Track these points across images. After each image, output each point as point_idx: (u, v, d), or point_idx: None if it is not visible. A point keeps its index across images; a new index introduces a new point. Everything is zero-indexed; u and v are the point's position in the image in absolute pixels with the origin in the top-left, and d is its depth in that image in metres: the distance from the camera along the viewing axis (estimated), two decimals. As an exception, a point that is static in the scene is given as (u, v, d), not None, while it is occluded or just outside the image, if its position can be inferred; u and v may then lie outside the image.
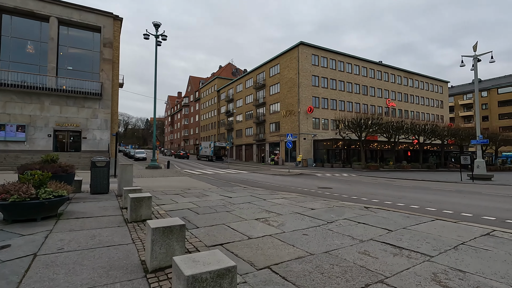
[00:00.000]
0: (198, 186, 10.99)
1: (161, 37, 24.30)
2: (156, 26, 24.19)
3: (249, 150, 49.70)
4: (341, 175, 21.14)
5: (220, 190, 9.75)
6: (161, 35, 24.20)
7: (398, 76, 48.87)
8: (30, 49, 23.60)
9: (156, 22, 24.07)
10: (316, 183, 14.12)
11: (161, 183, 11.95)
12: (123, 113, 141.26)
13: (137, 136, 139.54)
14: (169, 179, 14.27)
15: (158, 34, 24.26)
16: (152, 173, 18.26)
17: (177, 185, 11.42)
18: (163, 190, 9.49)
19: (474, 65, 21.66)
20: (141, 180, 13.52)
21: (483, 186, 15.03)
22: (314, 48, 38.84)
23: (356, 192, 10.79)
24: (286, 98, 39.57)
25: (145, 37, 23.76)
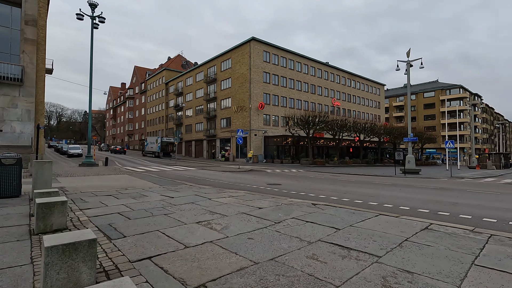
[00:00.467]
0: (137, 186, 9.90)
1: (98, 19, 21.70)
2: (92, 6, 21.52)
3: (199, 146, 48.19)
4: (290, 171, 21.52)
5: (162, 190, 8.88)
6: (98, 17, 21.61)
7: (342, 77, 52.02)
8: None
9: (92, 1, 21.38)
10: (265, 180, 13.98)
11: (93, 183, 10.52)
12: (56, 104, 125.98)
13: (73, 130, 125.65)
14: (105, 178, 12.73)
15: (94, 15, 21.61)
16: (85, 171, 16.21)
17: (113, 184, 10.15)
18: (94, 191, 8.27)
19: (407, 70, 23.84)
20: (70, 179, 11.78)
21: (413, 179, 16.59)
22: (265, 45, 39.02)
23: (304, 188, 10.85)
24: (238, 93, 39.15)
25: (78, 17, 20.98)
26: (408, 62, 23.36)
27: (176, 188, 9.38)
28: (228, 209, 5.90)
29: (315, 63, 46.87)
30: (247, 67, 37.43)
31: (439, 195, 9.67)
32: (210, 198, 7.28)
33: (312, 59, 46.15)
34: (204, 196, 7.52)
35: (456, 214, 6.25)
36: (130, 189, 8.94)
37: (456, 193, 10.32)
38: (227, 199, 7.17)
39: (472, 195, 9.86)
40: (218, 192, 8.38)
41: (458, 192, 10.65)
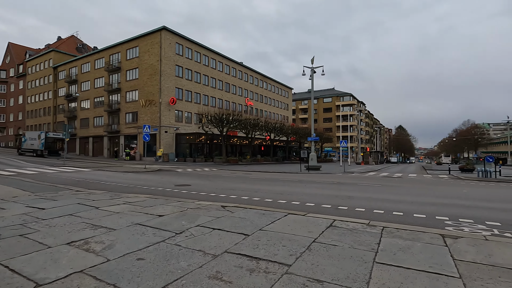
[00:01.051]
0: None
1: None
2: None
3: (98, 143, 42.05)
4: (202, 170, 20.73)
5: (32, 199, 6.88)
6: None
7: (255, 78, 54.03)
8: None
9: None
10: (174, 180, 12.85)
11: None
12: None
13: None
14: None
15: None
16: None
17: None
18: None
19: (311, 75, 26.20)
20: None
21: (315, 175, 18.22)
22: (178, 37, 36.87)
23: (215, 188, 10.32)
24: (146, 86, 35.77)
25: None
26: (312, 68, 25.70)
27: (54, 195, 7.44)
28: (118, 220, 4.81)
29: (230, 62, 47.13)
30: (158, 58, 34.56)
31: (337, 189, 10.65)
32: (98, 206, 5.93)
33: (228, 57, 46.24)
34: (90, 205, 6.09)
35: (353, 208, 6.79)
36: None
37: (350, 187, 11.61)
38: (120, 206, 5.97)
39: (362, 188, 11.25)
40: (112, 198, 6.99)
41: (351, 186, 12.02)
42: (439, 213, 6.22)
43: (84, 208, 5.77)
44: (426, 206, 7.24)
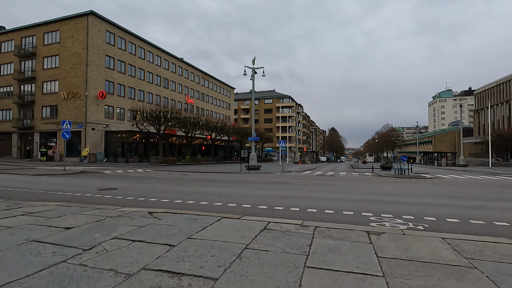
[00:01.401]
0: None
1: None
2: None
3: (5, 141, 35.52)
4: (135, 171, 19.06)
5: None
6: None
7: (197, 76, 52.45)
8: None
9: None
10: (98, 184, 11.39)
11: None
12: None
13: None
14: None
15: None
16: None
17: None
18: None
19: (252, 76, 26.42)
20: None
21: (255, 174, 18.34)
22: (109, 24, 33.43)
23: (146, 191, 9.43)
24: (69, 76, 31.53)
25: None
26: (253, 69, 25.93)
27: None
28: (8, 237, 3.85)
29: (170, 57, 44.77)
30: (84, 46, 30.74)
31: (275, 189, 10.77)
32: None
33: (167, 52, 43.84)
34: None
35: (288, 207, 6.83)
36: None
37: (287, 186, 11.89)
38: (17, 219, 4.86)
39: (298, 187, 11.62)
40: (7, 209, 5.70)
41: (288, 185, 12.33)
42: (364, 210, 6.66)
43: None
44: (354, 203, 7.73)
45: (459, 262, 3.10)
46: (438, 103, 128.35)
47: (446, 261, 3.12)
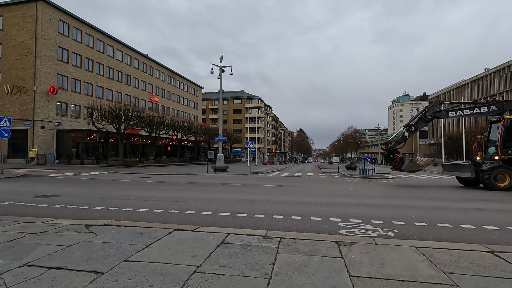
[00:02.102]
0: None
1: None
2: None
3: None
4: (89, 174, 17.34)
5: None
6: None
7: (162, 73, 50.23)
8: None
9: None
10: (38, 190, 9.94)
11: None
12: None
13: None
14: None
15: None
16: None
17: None
18: None
19: (219, 74, 25.63)
20: None
21: (222, 176, 17.60)
22: (63, 13, 30.59)
23: (93, 198, 8.31)
24: (14, 68, 28.28)
25: None
26: (221, 67, 25.16)
27: None
28: None
29: (133, 52, 42.28)
30: (32, 36, 27.73)
31: (241, 192, 10.17)
32: None
33: (130, 46, 41.33)
34: None
35: (252, 214, 6.27)
36: None
37: (253, 189, 11.35)
38: None
39: (264, 190, 11.14)
40: None
41: (255, 188, 11.80)
42: (332, 214, 6.32)
43: None
44: (322, 206, 7.39)
45: (439, 278, 2.74)
46: (396, 107, 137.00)
47: (426, 278, 2.75)
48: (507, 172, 10.97)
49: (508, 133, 11.36)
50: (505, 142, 11.40)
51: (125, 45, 40.47)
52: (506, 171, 10.99)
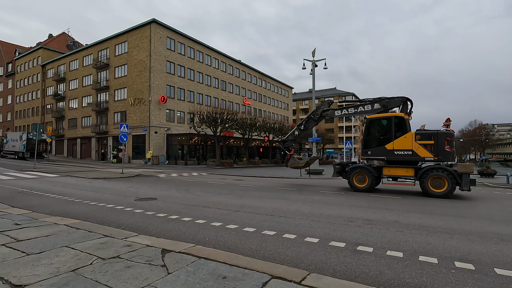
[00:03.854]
0: None
1: None
2: None
3: (86, 144, 39.67)
4: (190, 175, 18.24)
5: None
6: None
7: (254, 77, 51.57)
8: None
9: None
10: (143, 191, 10.35)
11: None
12: None
13: None
14: None
15: None
16: None
17: None
18: None
19: (312, 69, 23.71)
20: None
21: (318, 181, 15.68)
22: (170, 31, 34.47)
23: (186, 203, 7.82)
24: (135, 83, 33.38)
25: None
26: (313, 61, 23.23)
27: None
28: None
29: (227, 59, 44.71)
30: (147, 54, 32.17)
31: (348, 206, 8.11)
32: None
33: (224, 54, 43.84)
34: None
35: (380, 247, 4.27)
36: None
37: (364, 201, 9.07)
38: None
39: (382, 203, 8.71)
40: (8, 229, 4.50)
41: (365, 200, 9.48)
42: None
43: None
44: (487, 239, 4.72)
45: None
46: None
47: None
48: (365, 173, 10.84)
49: (367, 133, 11.27)
50: (365, 143, 11.29)
51: (220, 53, 43.09)
52: (365, 172, 10.86)
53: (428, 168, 9.76)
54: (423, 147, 9.95)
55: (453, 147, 10.19)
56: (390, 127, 10.67)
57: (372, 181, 10.71)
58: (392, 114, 11.05)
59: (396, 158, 10.50)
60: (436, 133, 9.91)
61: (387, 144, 10.58)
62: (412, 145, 10.08)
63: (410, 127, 10.70)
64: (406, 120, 10.59)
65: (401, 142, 10.30)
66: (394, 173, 10.67)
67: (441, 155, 9.76)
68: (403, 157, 10.32)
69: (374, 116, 11.40)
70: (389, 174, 10.77)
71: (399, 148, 10.32)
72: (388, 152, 10.55)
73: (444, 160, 9.83)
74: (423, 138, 10.04)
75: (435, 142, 9.84)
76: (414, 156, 10.08)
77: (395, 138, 10.45)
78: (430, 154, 9.86)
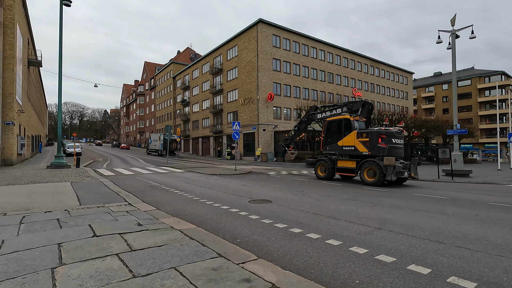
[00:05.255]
0: (35, 206, 6.01)
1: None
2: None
3: (206, 143, 44.66)
4: (299, 173, 17.11)
5: (54, 215, 4.89)
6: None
7: (365, 65, 46.39)
8: None
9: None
10: (256, 190, 9.72)
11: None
12: (77, 103, 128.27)
13: (93, 129, 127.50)
14: (29, 188, 9.00)
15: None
16: (36, 174, 12.70)
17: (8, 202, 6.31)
18: None
19: (450, 43, 18.57)
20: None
21: (469, 186, 11.65)
22: (275, 28, 34.47)
23: (305, 210, 6.50)
24: (245, 84, 35.00)
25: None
26: (453, 31, 18.07)
27: (83, 214, 5.37)
28: None
29: (334, 49, 41.66)
30: (254, 54, 33.13)
31: None
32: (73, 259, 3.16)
33: (330, 44, 41.00)
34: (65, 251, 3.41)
35: None
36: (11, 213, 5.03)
37: None
38: (102, 263, 3.02)
39: None
40: (128, 231, 4.25)
41: None
42: None
43: (48, 255, 3.08)
44: None
45: None
46: None
47: None
48: (325, 165, 13.16)
49: (327, 133, 13.25)
50: (325, 140, 13.31)
51: (326, 43, 40.46)
52: (325, 163, 13.16)
53: (364, 161, 11.51)
54: (361, 144, 11.67)
55: (390, 143, 11.20)
56: (340, 127, 12.50)
57: (329, 171, 13.03)
58: (342, 116, 12.85)
59: (345, 153, 12.57)
60: (370, 132, 11.54)
61: (339, 141, 12.52)
62: (354, 142, 11.89)
63: (357, 126, 12.02)
64: (352, 121, 12.12)
65: (347, 140, 12.19)
66: (344, 165, 12.65)
67: (374, 150, 11.29)
68: (349, 152, 12.29)
69: (330, 118, 13.54)
70: (340, 166, 12.77)
71: (346, 144, 12.27)
72: (339, 148, 12.59)
73: (376, 154, 11.28)
74: (360, 136, 11.72)
75: (370, 139, 11.42)
76: (355, 151, 11.94)
77: (343, 136, 12.33)
78: (366, 149, 11.53)
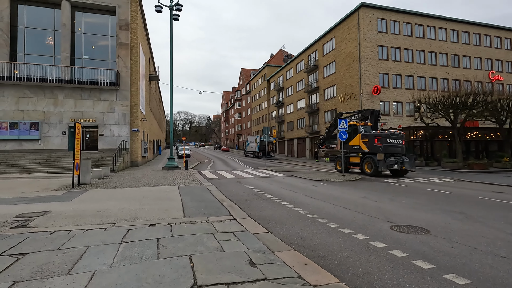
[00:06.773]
0: (140, 216, 5.53)
1: (175, 9, 19.70)
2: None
3: (301, 144, 42.98)
4: (428, 181, 13.30)
5: (156, 230, 4.06)
6: (176, 5, 19.59)
7: (506, 39, 35.67)
8: (48, 40, 21.62)
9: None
10: (387, 207, 7.29)
11: (101, 205, 6.87)
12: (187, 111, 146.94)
13: (200, 133, 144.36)
14: (143, 191, 9.20)
15: (173, 5, 19.74)
16: (153, 176, 13.68)
17: (121, 208, 6.15)
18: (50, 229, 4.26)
19: None
20: (92, 193, 8.72)
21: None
22: (380, 10, 29.92)
23: (494, 252, 3.84)
24: (344, 78, 31.64)
25: (157, 10, 19.46)
26: None
27: (187, 230, 4.39)
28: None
29: (459, 24, 33.46)
30: (356, 44, 29.48)
31: None
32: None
33: (454, 19, 33.09)
34: None
35: None
36: (119, 223, 4.56)
37: None
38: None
39: None
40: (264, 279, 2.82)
41: None
42: None
43: None
44: None
45: None
46: None
47: None
48: (340, 160, 17.50)
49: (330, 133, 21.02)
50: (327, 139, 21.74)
51: (449, 19, 32.76)
52: (340, 159, 17.61)
53: (365, 157, 15.94)
54: (363, 144, 15.98)
55: (385, 143, 14.96)
56: (350, 131, 16.83)
57: (345, 165, 17.20)
58: (351, 123, 17.28)
59: (353, 151, 17.00)
60: (369, 134, 15.73)
61: (349, 141, 16.93)
62: (359, 142, 16.29)
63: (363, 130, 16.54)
64: (358, 126, 16.69)
65: (355, 140, 16.65)
66: (353, 160, 17.11)
67: (371, 148, 15.42)
68: (356, 150, 16.73)
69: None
70: (351, 161, 17.30)
71: (354, 144, 16.78)
72: (350, 147, 17.06)
73: (373, 152, 15.33)
74: (363, 138, 16.05)
75: (369, 140, 15.60)
76: (360, 149, 16.32)
77: (352, 138, 16.80)
78: (366, 148, 15.78)
